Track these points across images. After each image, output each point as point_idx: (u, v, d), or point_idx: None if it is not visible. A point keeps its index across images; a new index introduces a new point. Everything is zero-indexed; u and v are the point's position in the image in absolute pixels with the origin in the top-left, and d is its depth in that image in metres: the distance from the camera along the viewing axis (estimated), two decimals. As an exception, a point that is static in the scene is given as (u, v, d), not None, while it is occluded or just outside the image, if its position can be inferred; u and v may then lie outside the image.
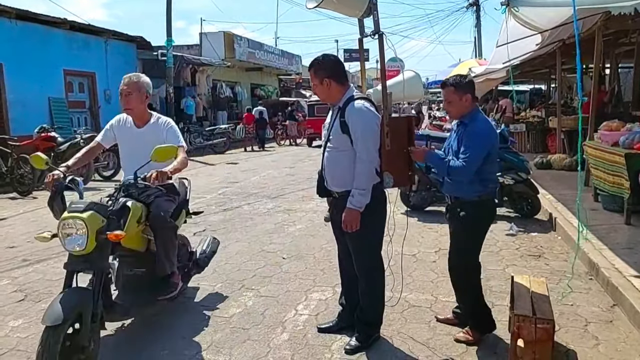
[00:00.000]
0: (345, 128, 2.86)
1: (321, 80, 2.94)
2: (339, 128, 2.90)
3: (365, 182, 2.84)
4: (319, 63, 2.97)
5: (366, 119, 2.86)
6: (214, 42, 20.01)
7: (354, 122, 2.84)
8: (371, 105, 2.97)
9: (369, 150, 2.84)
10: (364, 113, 2.87)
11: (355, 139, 2.84)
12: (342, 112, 2.90)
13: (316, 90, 3.06)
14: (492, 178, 3.05)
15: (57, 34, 13.31)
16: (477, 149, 2.87)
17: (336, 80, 2.95)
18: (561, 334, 3.13)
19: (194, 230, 5.98)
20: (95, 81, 14.74)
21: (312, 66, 3.00)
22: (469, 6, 26.95)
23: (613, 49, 10.23)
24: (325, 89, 2.95)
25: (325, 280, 4.19)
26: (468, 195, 2.97)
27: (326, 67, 2.96)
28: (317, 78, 2.95)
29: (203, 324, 3.45)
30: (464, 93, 2.97)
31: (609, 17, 6.00)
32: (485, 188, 2.98)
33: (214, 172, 11.50)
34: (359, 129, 2.83)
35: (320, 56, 3.03)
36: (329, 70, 2.96)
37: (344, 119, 2.87)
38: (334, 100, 2.97)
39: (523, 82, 23.39)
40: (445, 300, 3.72)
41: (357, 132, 2.83)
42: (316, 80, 2.97)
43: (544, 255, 4.79)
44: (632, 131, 5.64)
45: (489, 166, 2.97)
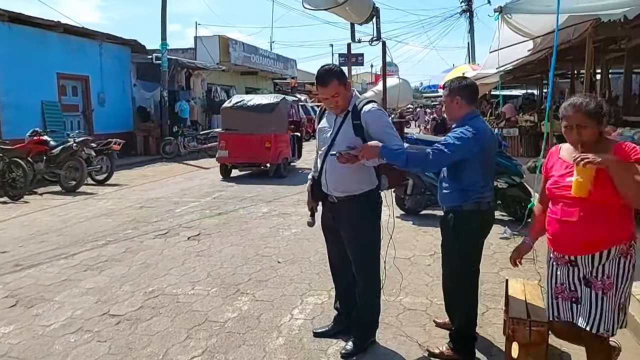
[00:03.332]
0: (360, 130, 2.88)
1: (345, 84, 2.92)
2: (352, 131, 2.90)
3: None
4: (337, 69, 2.97)
5: (384, 117, 2.97)
6: (209, 45, 20.01)
7: (373, 122, 2.88)
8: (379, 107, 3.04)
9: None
10: (380, 113, 2.96)
11: (380, 136, 2.84)
12: (354, 115, 2.91)
13: (340, 101, 2.92)
14: (475, 189, 2.80)
15: (51, 37, 13.25)
16: (452, 150, 2.69)
17: (350, 83, 3.01)
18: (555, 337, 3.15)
19: (189, 234, 5.97)
20: (89, 84, 14.67)
21: (333, 77, 2.88)
22: (462, 12, 27.18)
23: (603, 55, 10.34)
24: (347, 95, 2.95)
25: (320, 285, 4.20)
26: (453, 203, 2.88)
27: (340, 72, 2.97)
28: (342, 83, 2.91)
29: (197, 328, 3.44)
30: (453, 96, 2.89)
31: (599, 23, 6.07)
32: (465, 198, 2.80)
33: (209, 175, 11.46)
34: (380, 126, 2.89)
35: (329, 66, 3.01)
36: (345, 76, 2.99)
37: (359, 122, 2.89)
38: (347, 104, 2.96)
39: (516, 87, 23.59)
40: (440, 303, 3.72)
41: (380, 130, 2.87)
42: (341, 86, 2.89)
43: (538, 259, 4.80)
44: (623, 136, 5.71)
45: (472, 176, 2.78)
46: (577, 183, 2.13)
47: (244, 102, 10.88)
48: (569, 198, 2.24)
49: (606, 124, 2.25)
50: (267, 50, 26.38)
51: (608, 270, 2.22)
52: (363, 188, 2.94)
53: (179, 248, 5.43)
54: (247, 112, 10.58)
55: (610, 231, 2.20)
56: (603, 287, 2.22)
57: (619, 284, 2.23)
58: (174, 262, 4.94)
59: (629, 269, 2.24)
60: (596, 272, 2.24)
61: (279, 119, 10.68)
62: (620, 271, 2.22)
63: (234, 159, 10.71)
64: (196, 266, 4.78)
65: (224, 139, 10.67)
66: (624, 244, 2.23)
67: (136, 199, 8.53)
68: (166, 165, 13.74)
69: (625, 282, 2.24)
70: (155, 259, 5.06)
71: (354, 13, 3.10)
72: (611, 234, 2.21)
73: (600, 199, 2.16)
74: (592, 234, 2.20)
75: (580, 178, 2.11)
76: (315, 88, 3.09)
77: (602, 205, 2.18)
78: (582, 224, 2.21)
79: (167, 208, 7.61)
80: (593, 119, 2.19)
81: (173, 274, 4.57)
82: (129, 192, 9.40)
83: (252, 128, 10.31)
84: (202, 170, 12.59)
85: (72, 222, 6.87)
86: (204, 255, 5.15)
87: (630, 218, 2.27)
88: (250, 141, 10.23)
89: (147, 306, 3.86)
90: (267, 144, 10.32)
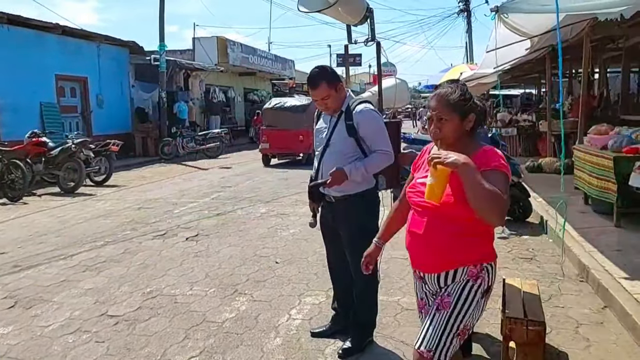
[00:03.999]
0: (352, 131, 2.89)
1: (336, 86, 2.93)
2: (345, 132, 2.92)
3: (374, 168, 2.91)
4: (328, 71, 2.97)
5: (375, 118, 2.97)
6: (207, 46, 20.02)
7: (365, 123, 2.89)
8: (374, 107, 3.05)
9: (388, 144, 2.93)
10: (373, 114, 2.96)
11: (369, 137, 2.90)
12: (347, 115, 2.92)
13: (331, 102, 2.94)
14: None
15: (49, 39, 13.26)
16: None
17: (342, 85, 3.01)
18: (552, 335, 3.16)
19: (187, 235, 5.98)
20: (87, 86, 14.69)
21: (323, 77, 2.89)
22: (460, 12, 27.22)
23: (601, 54, 10.36)
24: (339, 96, 2.95)
25: (318, 285, 4.20)
26: None
27: (332, 73, 2.98)
28: (332, 86, 2.91)
29: (195, 329, 3.45)
30: None
31: (596, 23, 6.08)
32: None
33: (207, 176, 11.47)
34: (371, 128, 2.90)
35: (321, 67, 3.01)
36: (337, 76, 3.00)
37: (351, 122, 2.90)
38: (340, 105, 2.97)
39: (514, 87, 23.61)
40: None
41: (370, 131, 2.90)
42: (332, 89, 2.90)
43: (536, 258, 4.83)
44: (621, 134, 5.71)
45: None
46: (429, 187, 1.77)
47: (282, 104, 13.37)
48: (420, 205, 1.94)
49: (477, 121, 1.92)
50: (265, 51, 26.39)
51: (452, 289, 1.92)
52: (360, 187, 2.95)
53: (177, 249, 5.43)
54: (284, 111, 12.97)
55: (458, 249, 1.87)
56: (440, 303, 1.91)
57: (458, 306, 1.88)
58: (172, 262, 4.94)
59: (474, 294, 1.89)
60: (442, 291, 1.95)
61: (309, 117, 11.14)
62: (463, 293, 1.89)
63: (274, 150, 13.22)
64: (194, 267, 4.79)
65: (266, 134, 13.20)
66: (473, 265, 1.90)
67: (135, 200, 8.53)
68: (164, 166, 13.74)
69: (467, 308, 1.88)
70: (153, 259, 5.06)
71: (347, 14, 3.10)
72: (459, 252, 1.88)
73: (450, 209, 1.82)
74: (437, 250, 1.90)
75: (433, 181, 1.75)
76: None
77: (452, 217, 1.84)
78: (426, 238, 1.91)
79: (165, 209, 7.61)
80: (455, 111, 1.86)
81: (171, 275, 4.57)
82: (127, 193, 9.40)
83: (288, 125, 12.49)
84: (201, 171, 12.59)
85: (70, 223, 6.87)
86: (202, 255, 5.15)
87: (488, 235, 1.94)
88: (287, 135, 12.47)
89: (146, 307, 3.86)
90: (300, 138, 12.35)
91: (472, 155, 1.79)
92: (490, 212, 1.71)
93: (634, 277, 3.80)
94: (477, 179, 1.68)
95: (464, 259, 1.89)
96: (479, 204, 1.70)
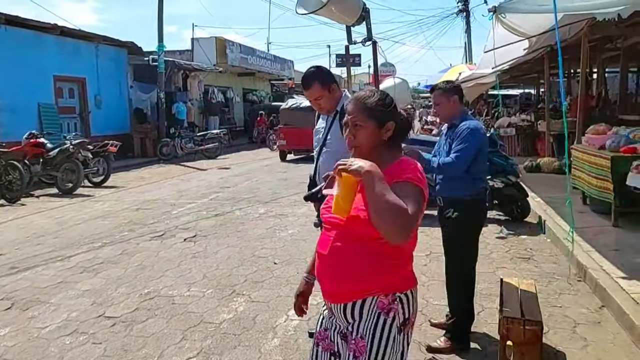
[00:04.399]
0: None
1: (329, 87, 2.92)
2: (340, 131, 2.91)
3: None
4: (322, 72, 2.97)
5: None
6: (206, 47, 20.00)
7: None
8: None
9: None
10: None
11: None
12: (342, 115, 2.91)
13: (324, 103, 2.95)
14: (482, 177, 3.15)
15: (47, 40, 13.24)
16: (469, 145, 2.95)
17: (337, 85, 3.00)
18: (550, 335, 3.16)
19: (185, 236, 5.97)
20: (85, 87, 14.66)
21: (317, 78, 2.91)
22: (459, 12, 27.25)
23: (600, 54, 10.37)
24: (332, 96, 2.95)
25: (317, 286, 4.17)
26: (460, 194, 3.01)
27: (326, 74, 2.98)
28: (325, 86, 2.91)
29: (193, 330, 3.44)
30: (451, 95, 3.09)
31: (594, 23, 6.08)
32: (476, 187, 3.05)
33: (206, 177, 11.46)
34: None
35: (315, 67, 3.01)
36: (330, 76, 3.00)
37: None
38: (334, 106, 2.97)
39: (513, 87, 23.63)
40: (436, 303, 3.73)
41: None
42: (324, 90, 2.91)
43: (534, 258, 4.83)
44: (618, 134, 5.71)
45: (479, 166, 3.05)
46: (335, 199, 1.55)
47: (298, 105, 14.18)
48: (327, 222, 1.70)
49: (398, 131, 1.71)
50: (264, 52, 26.37)
51: (363, 328, 1.61)
52: None
53: (175, 250, 5.42)
54: (300, 111, 13.53)
55: (366, 275, 1.59)
56: (355, 348, 1.61)
57: (374, 350, 1.58)
58: (170, 263, 4.93)
59: (389, 331, 1.59)
60: (351, 328, 1.65)
61: None
62: (377, 332, 1.59)
63: (291, 146, 14.34)
64: (192, 267, 4.78)
65: (283, 131, 14.38)
66: (384, 295, 1.61)
67: (133, 200, 8.52)
68: (163, 167, 13.73)
69: (385, 349, 1.58)
70: (151, 260, 5.05)
71: (342, 13, 3.10)
72: (366, 278, 1.59)
73: (357, 225, 1.57)
74: (341, 276, 1.62)
75: (338, 192, 1.53)
76: None
77: (359, 236, 1.58)
78: (331, 259, 1.65)
79: (163, 210, 7.60)
80: (370, 118, 1.66)
81: (169, 276, 4.57)
82: (125, 194, 9.39)
83: (304, 123, 12.51)
84: (199, 171, 12.57)
85: (68, 224, 6.86)
86: (200, 256, 5.15)
87: (403, 258, 1.65)
88: (303, 133, 12.55)
89: (143, 308, 3.85)
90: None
91: (387, 166, 1.60)
92: (387, 225, 1.44)
93: (632, 277, 3.80)
94: (379, 189, 1.44)
95: (373, 286, 1.60)
96: (376, 217, 1.45)
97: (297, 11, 3.10)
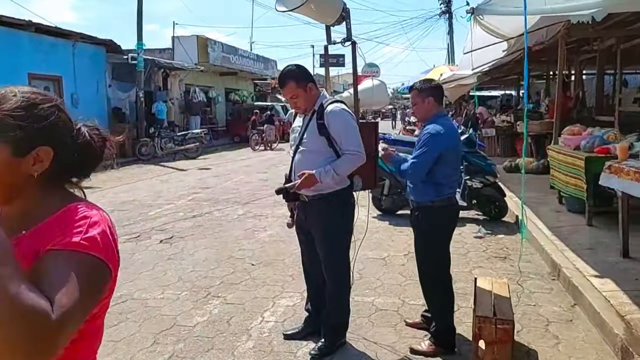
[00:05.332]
0: (324, 130, 2.88)
1: (305, 86, 2.91)
2: (317, 130, 2.90)
3: (344, 170, 2.87)
4: (299, 71, 2.96)
5: (346, 118, 2.93)
6: (187, 45, 19.79)
7: (335, 122, 2.87)
8: (346, 107, 3.03)
9: (358, 143, 2.89)
10: (343, 113, 2.94)
11: (340, 137, 2.88)
12: (319, 114, 2.90)
13: (300, 102, 2.93)
14: (447, 183, 2.97)
15: (22, 37, 12.95)
16: (427, 150, 2.88)
17: (314, 84, 2.98)
18: (523, 334, 3.18)
19: (161, 238, 5.87)
20: (61, 85, 14.37)
21: (293, 77, 2.90)
22: (442, 14, 27.49)
23: (577, 56, 10.53)
24: (308, 95, 2.93)
25: (294, 286, 4.15)
26: (425, 199, 2.98)
27: (303, 73, 2.96)
28: (301, 85, 2.90)
29: (165, 333, 3.37)
30: (427, 96, 3.02)
31: (570, 25, 6.16)
32: (438, 193, 2.93)
33: (185, 177, 11.33)
34: (341, 127, 2.88)
35: (292, 66, 3.00)
36: (307, 75, 2.98)
37: (322, 121, 2.88)
38: (311, 105, 2.96)
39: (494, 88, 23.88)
40: (412, 303, 3.73)
41: (341, 130, 2.88)
42: (300, 89, 2.90)
43: (510, 257, 4.86)
44: (593, 135, 5.80)
45: (443, 169, 2.91)
46: None
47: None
48: None
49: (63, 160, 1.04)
50: (247, 51, 26.20)
51: None
52: (333, 187, 2.93)
53: (151, 252, 5.33)
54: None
55: None
56: None
57: None
58: (144, 266, 4.84)
59: None
60: None
61: None
62: None
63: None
64: (167, 270, 4.70)
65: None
66: None
67: (108, 202, 8.36)
68: (142, 167, 13.53)
69: None
70: (125, 263, 4.95)
71: (322, 12, 3.08)
72: None
73: None
74: None
75: None
76: None
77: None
78: None
79: (140, 211, 7.48)
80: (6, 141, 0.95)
81: (143, 278, 4.48)
82: (101, 194, 9.21)
83: None
84: (179, 172, 12.43)
85: (42, 225, 6.69)
86: (175, 258, 5.07)
87: None
88: None
89: (114, 312, 3.76)
90: None
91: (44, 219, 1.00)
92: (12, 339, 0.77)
93: (604, 275, 3.85)
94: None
95: None
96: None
97: (276, 8, 3.07)
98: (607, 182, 4.43)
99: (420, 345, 3.02)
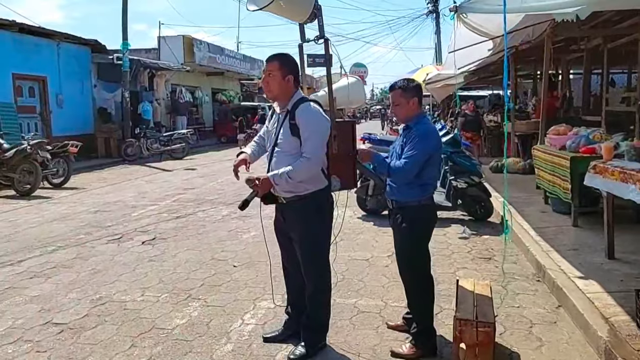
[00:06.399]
0: (296, 130, 2.81)
1: (284, 74, 2.84)
2: (289, 131, 2.84)
3: (298, 175, 2.77)
4: (286, 58, 2.91)
5: (317, 120, 2.83)
6: (173, 45, 19.64)
7: (305, 122, 2.79)
8: (321, 108, 2.94)
9: (316, 148, 2.79)
10: (316, 114, 2.84)
11: (304, 139, 2.79)
12: (291, 114, 2.84)
13: (272, 84, 2.86)
14: (432, 183, 3.03)
15: (5, 37, 12.78)
16: (419, 151, 2.85)
17: (295, 79, 2.91)
18: (506, 336, 3.14)
19: (144, 239, 5.77)
20: (46, 85, 14.19)
21: (278, 59, 2.86)
22: (429, 13, 27.56)
23: (564, 55, 10.58)
24: (284, 85, 2.85)
25: (276, 289, 4.08)
26: (408, 199, 2.94)
27: (291, 64, 2.90)
28: (281, 71, 2.83)
29: (143, 336, 3.29)
30: (412, 96, 2.96)
31: (557, 24, 6.16)
32: (425, 192, 2.96)
33: (171, 178, 11.21)
34: (308, 129, 2.79)
35: (286, 53, 2.97)
36: (294, 68, 2.91)
37: (294, 122, 2.81)
38: (284, 99, 2.90)
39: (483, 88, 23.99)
40: (395, 305, 3.68)
41: (307, 132, 2.79)
42: (278, 73, 2.83)
43: (495, 258, 4.84)
44: (579, 135, 5.79)
45: (430, 170, 2.95)
46: None
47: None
48: None
49: None
50: (234, 51, 26.09)
51: None
52: (309, 188, 2.87)
53: (132, 253, 5.23)
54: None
55: None
56: None
57: None
58: (125, 267, 4.74)
59: None
60: None
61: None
62: None
63: None
64: (148, 272, 4.61)
65: None
66: None
67: (92, 202, 8.23)
68: (127, 168, 13.37)
69: None
70: (105, 264, 4.86)
71: (292, 10, 3.01)
72: None
73: None
74: None
75: None
76: None
77: None
78: None
79: (123, 212, 7.36)
80: None
81: (123, 280, 4.39)
82: (85, 195, 9.08)
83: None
84: (164, 172, 12.29)
85: (22, 227, 6.56)
86: (157, 260, 4.97)
87: None
88: None
89: (93, 314, 3.68)
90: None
91: None
92: None
93: (588, 277, 3.84)
94: None
95: None
96: None
97: (247, 8, 2.99)
98: (592, 183, 4.41)
99: (401, 348, 2.97)
